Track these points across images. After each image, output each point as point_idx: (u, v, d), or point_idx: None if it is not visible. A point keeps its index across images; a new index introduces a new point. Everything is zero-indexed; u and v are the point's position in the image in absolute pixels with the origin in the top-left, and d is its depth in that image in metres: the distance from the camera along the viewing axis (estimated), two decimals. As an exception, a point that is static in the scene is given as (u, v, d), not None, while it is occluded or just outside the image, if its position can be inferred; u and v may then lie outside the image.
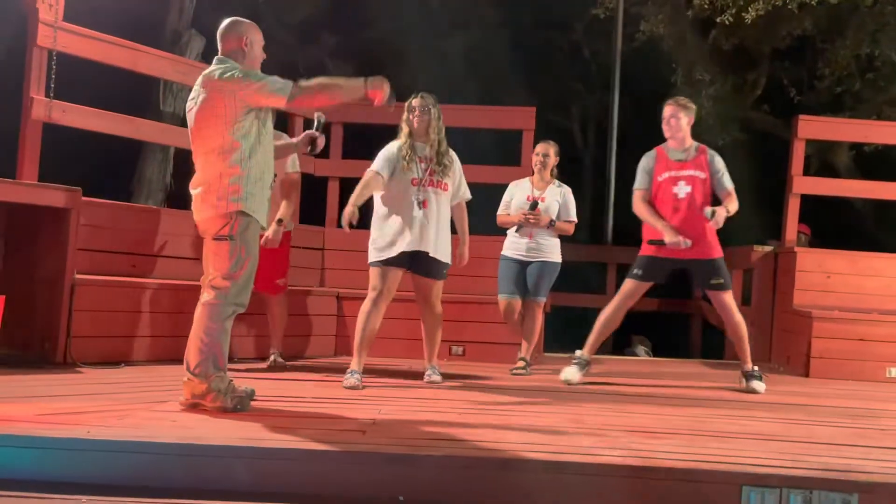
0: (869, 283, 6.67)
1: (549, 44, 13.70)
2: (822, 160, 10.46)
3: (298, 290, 6.21)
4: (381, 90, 3.75)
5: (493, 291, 6.46)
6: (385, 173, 4.84)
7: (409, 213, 4.78)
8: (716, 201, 5.29)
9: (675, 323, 8.98)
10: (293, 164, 5.43)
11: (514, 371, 5.63)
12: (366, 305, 4.81)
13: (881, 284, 6.61)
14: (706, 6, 9.05)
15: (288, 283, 5.49)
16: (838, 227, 9.43)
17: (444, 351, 6.18)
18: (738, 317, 5.26)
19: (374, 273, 4.86)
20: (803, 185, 7.17)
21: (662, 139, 5.43)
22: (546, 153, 5.81)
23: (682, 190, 5.25)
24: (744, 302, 7.76)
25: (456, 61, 12.42)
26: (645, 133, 11.49)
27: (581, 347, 5.42)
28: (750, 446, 3.22)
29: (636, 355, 8.18)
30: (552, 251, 5.75)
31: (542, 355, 6.83)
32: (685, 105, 5.40)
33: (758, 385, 5.16)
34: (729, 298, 5.26)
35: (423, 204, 4.80)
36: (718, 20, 9.12)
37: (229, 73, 3.59)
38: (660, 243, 5.20)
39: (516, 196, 5.84)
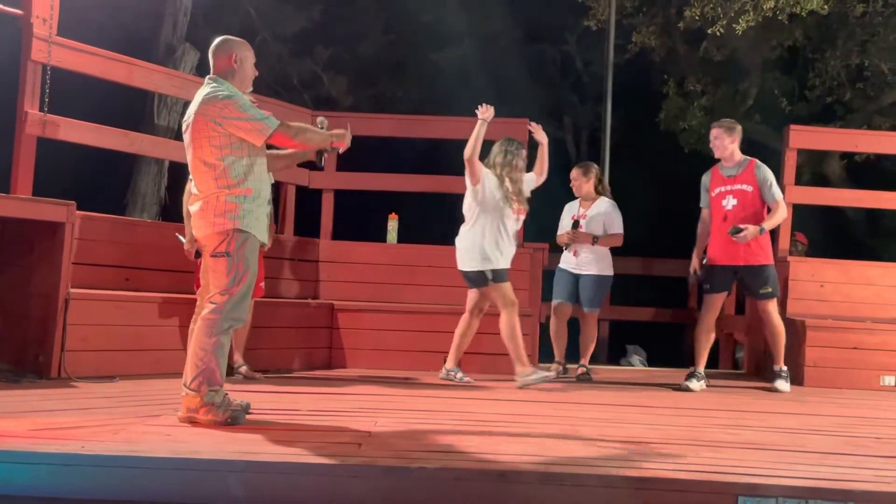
0: (862, 291, 6.69)
1: (542, 55, 13.78)
2: (814, 170, 10.52)
3: (293, 301, 6.21)
4: (342, 140, 3.92)
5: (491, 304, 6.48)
6: None
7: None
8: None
9: (670, 332, 9.00)
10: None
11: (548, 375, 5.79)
12: (516, 318, 5.42)
13: (874, 293, 6.64)
14: (697, 18, 9.11)
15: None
16: (831, 236, 9.48)
17: (439, 362, 6.18)
18: (779, 322, 5.81)
19: (509, 286, 5.49)
20: (795, 194, 7.20)
21: (654, 148, 5.68)
22: (575, 178, 6.38)
23: (730, 203, 5.73)
24: (738, 311, 7.79)
25: (449, 74, 12.47)
26: (637, 143, 11.60)
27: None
28: (745, 456, 3.22)
29: (631, 365, 8.19)
30: (599, 264, 6.13)
31: (538, 365, 6.83)
32: (728, 126, 5.81)
33: (781, 384, 5.70)
34: (772, 306, 5.78)
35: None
36: (709, 31, 9.19)
37: (217, 97, 3.60)
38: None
39: (564, 216, 6.37)
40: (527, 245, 6.80)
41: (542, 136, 5.81)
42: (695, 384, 5.65)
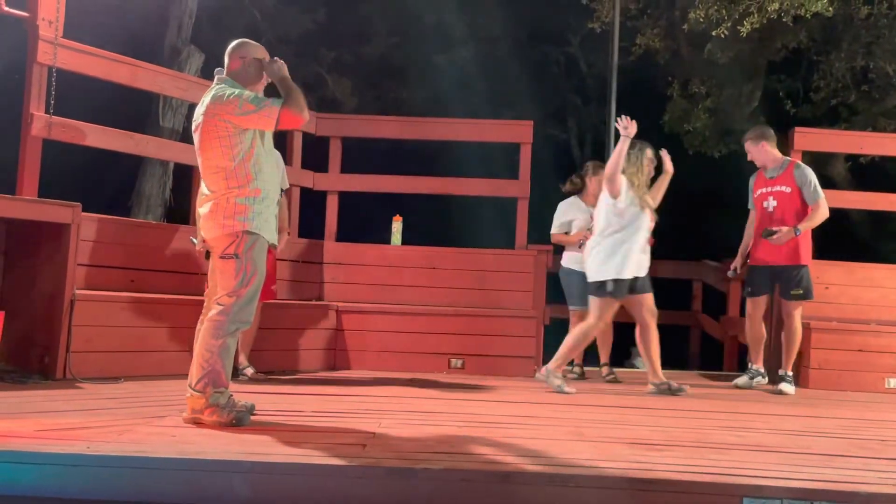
0: (867, 293, 6.69)
1: (546, 57, 13.79)
2: (819, 172, 10.49)
3: (297, 303, 6.22)
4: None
5: (494, 304, 6.50)
6: None
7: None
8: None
9: (674, 335, 8.98)
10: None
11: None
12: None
13: (879, 295, 6.63)
14: (701, 20, 9.11)
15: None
16: (835, 238, 9.46)
17: (442, 364, 6.19)
18: (800, 327, 5.89)
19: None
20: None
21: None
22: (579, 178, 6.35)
23: (770, 204, 5.92)
24: (742, 313, 7.76)
25: (454, 76, 12.48)
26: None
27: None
28: (750, 458, 3.22)
29: (636, 367, 8.17)
30: None
31: (542, 368, 6.83)
32: (751, 137, 6.07)
33: (787, 387, 5.76)
34: (799, 310, 5.90)
35: None
36: (714, 33, 9.18)
37: (223, 96, 3.62)
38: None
39: (572, 213, 6.27)
40: (531, 247, 6.80)
41: (669, 166, 5.74)
42: (759, 380, 5.99)
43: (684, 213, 7.18)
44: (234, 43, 3.85)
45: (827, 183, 10.26)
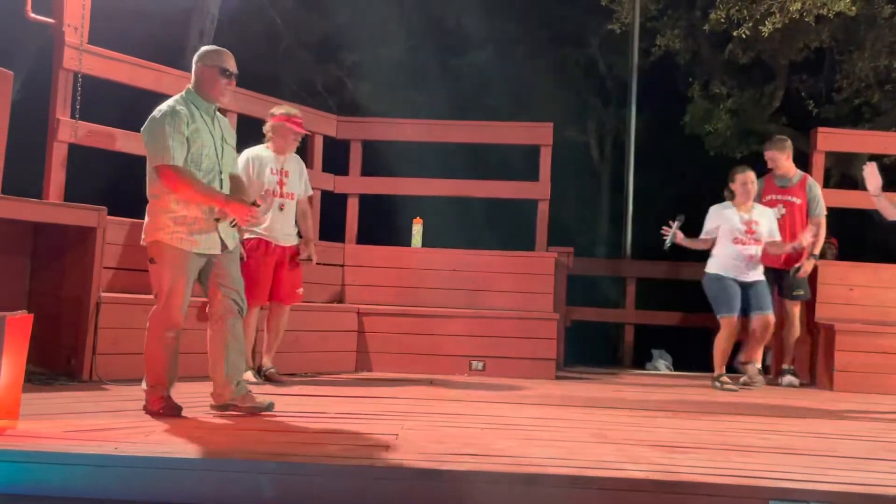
0: (892, 295, 6.60)
1: (566, 59, 13.76)
2: (842, 172, 10.40)
3: (319, 306, 6.25)
4: (242, 212, 3.79)
5: (514, 306, 6.49)
6: None
7: None
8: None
9: (695, 337, 8.93)
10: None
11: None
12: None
13: (905, 296, 6.54)
14: (722, 20, 9.06)
15: None
16: (860, 239, 9.37)
17: (463, 366, 6.19)
18: (798, 324, 6.33)
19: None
20: (824, 197, 7.12)
21: (679, 152, 5.80)
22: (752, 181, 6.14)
23: (780, 211, 6.34)
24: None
25: (473, 78, 12.49)
26: (661, 146, 11.53)
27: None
28: (775, 460, 3.20)
29: (657, 370, 8.14)
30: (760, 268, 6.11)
31: (563, 369, 6.83)
32: (779, 146, 6.44)
33: (792, 380, 6.24)
34: (798, 309, 6.34)
35: None
36: (735, 34, 9.13)
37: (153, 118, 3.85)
38: None
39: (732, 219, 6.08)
40: (552, 249, 6.79)
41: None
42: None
43: (705, 215, 7.14)
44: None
45: (850, 183, 10.19)
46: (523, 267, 6.70)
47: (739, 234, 5.97)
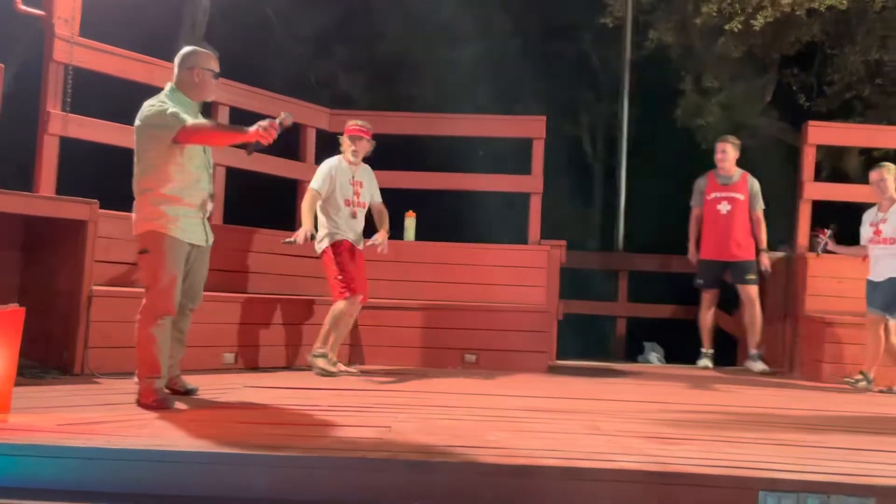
0: (881, 288, 6.62)
1: (559, 53, 13.75)
2: (833, 166, 10.44)
3: (310, 299, 6.25)
4: (265, 133, 3.76)
5: (507, 299, 6.51)
6: None
7: None
8: None
9: (687, 329, 8.98)
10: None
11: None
12: None
13: (893, 289, 6.57)
14: (714, 14, 9.07)
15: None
16: (849, 232, 9.42)
17: (456, 359, 6.21)
18: (758, 310, 6.71)
19: None
20: (814, 190, 7.17)
21: (671, 146, 5.87)
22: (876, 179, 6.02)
23: (724, 207, 6.77)
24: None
25: (466, 71, 12.48)
26: (653, 140, 11.55)
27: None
28: (766, 451, 3.22)
29: (649, 362, 8.17)
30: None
31: (555, 362, 6.85)
32: (734, 143, 6.91)
33: (758, 365, 6.63)
34: (755, 293, 6.73)
35: None
36: (727, 27, 9.13)
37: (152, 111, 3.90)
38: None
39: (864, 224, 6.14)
40: (544, 242, 6.81)
41: None
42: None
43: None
44: None
45: (840, 177, 10.23)
46: (516, 260, 6.72)
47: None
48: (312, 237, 5.39)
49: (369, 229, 5.81)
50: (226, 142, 4.19)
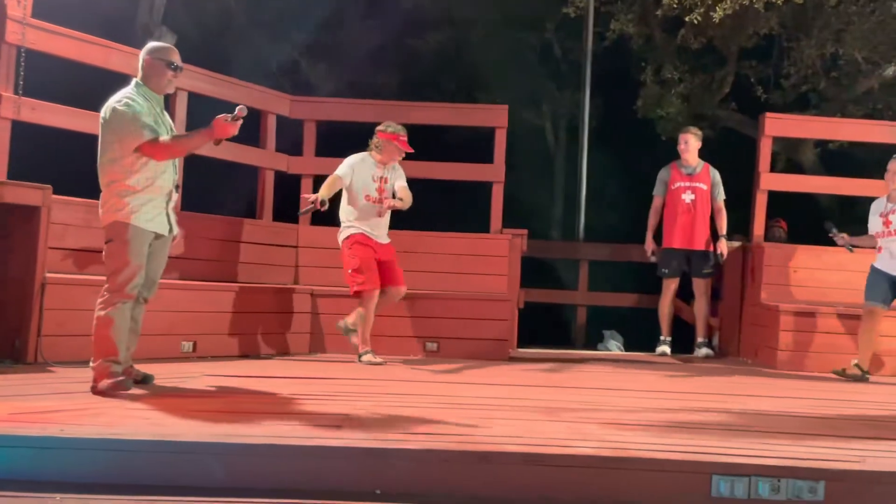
0: (834, 277, 6.79)
1: (521, 42, 13.75)
2: (789, 157, 10.62)
3: (273, 287, 6.21)
4: (226, 127, 3.88)
5: (469, 288, 6.53)
6: None
7: None
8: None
9: (645, 318, 9.09)
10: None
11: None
12: None
13: (845, 279, 6.72)
14: (675, 5, 9.14)
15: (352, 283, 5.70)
16: (804, 222, 9.61)
17: (417, 347, 6.22)
18: (707, 302, 7.07)
19: None
20: (770, 181, 7.30)
21: (631, 135, 5.96)
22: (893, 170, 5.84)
23: (689, 197, 6.94)
24: (713, 297, 7.88)
25: (428, 60, 12.43)
26: (614, 130, 11.63)
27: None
28: (720, 437, 3.28)
29: (609, 349, 8.26)
30: None
31: (516, 350, 6.90)
32: (696, 133, 7.09)
33: (707, 351, 6.98)
34: (707, 286, 7.05)
35: None
36: (687, 19, 9.22)
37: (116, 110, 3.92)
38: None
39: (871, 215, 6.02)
40: (506, 231, 6.84)
41: None
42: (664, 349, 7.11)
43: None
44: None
45: (796, 168, 10.42)
46: (478, 249, 6.74)
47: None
48: (322, 203, 5.42)
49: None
50: (190, 151, 4.21)
